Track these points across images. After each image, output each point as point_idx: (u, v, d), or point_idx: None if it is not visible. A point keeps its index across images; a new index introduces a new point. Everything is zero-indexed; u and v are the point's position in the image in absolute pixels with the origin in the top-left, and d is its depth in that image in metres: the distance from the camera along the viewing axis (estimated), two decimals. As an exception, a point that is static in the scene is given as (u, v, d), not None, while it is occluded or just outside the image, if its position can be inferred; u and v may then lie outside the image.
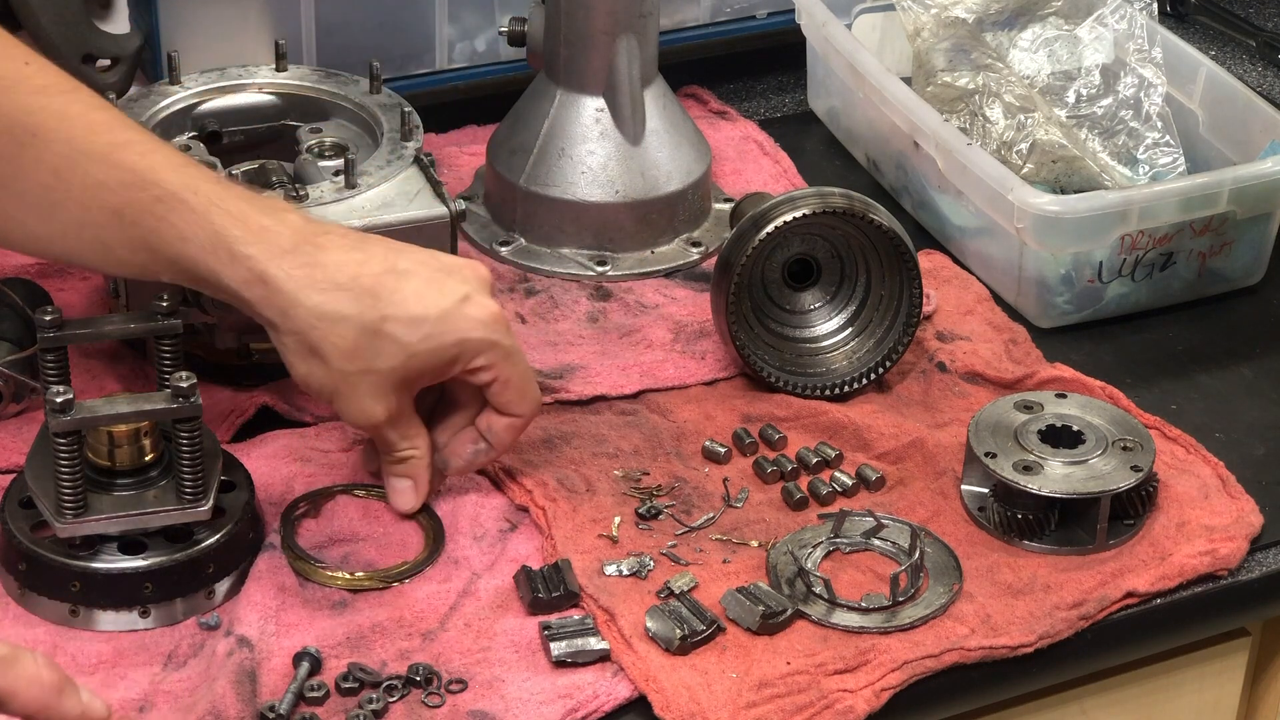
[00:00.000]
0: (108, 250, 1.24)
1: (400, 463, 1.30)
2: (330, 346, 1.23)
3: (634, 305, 1.56)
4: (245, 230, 1.22)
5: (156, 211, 1.21)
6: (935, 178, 1.63)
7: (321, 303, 1.22)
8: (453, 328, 1.25)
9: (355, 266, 1.24)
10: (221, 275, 1.22)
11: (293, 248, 1.22)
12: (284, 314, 1.22)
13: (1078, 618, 1.27)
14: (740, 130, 1.79)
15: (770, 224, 1.42)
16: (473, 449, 1.32)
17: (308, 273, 1.22)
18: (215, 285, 1.23)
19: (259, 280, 1.22)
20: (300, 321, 1.22)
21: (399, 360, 1.24)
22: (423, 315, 1.24)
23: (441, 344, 1.25)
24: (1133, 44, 1.75)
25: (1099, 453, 1.34)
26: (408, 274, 1.25)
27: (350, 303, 1.23)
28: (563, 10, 1.58)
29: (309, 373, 1.25)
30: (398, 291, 1.24)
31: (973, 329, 1.54)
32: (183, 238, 1.22)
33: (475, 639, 1.23)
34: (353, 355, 1.23)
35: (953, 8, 1.75)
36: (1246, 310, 1.61)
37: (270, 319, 1.23)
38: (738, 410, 1.44)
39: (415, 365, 1.25)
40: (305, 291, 1.22)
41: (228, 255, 1.21)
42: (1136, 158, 1.72)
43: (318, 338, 1.23)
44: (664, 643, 1.23)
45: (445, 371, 1.27)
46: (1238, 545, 1.33)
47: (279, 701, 1.17)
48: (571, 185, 1.59)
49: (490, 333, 1.26)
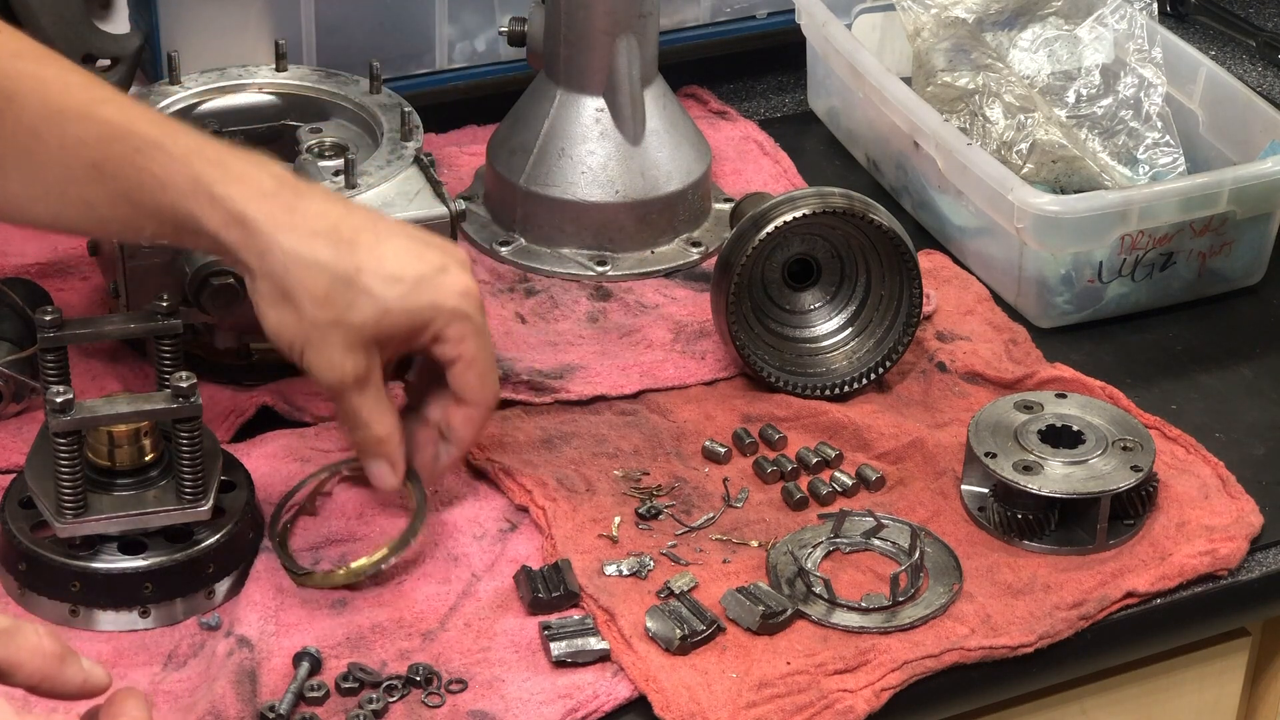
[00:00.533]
0: (90, 208, 1.23)
1: (375, 444, 1.27)
2: (303, 292, 1.21)
3: (634, 305, 1.56)
4: (225, 174, 1.21)
5: (136, 162, 1.21)
6: (935, 178, 1.63)
7: (298, 245, 1.21)
8: (429, 291, 1.24)
9: (336, 218, 1.23)
10: (201, 219, 1.21)
11: (273, 192, 1.22)
12: (260, 256, 1.21)
13: (1078, 618, 1.27)
14: (740, 130, 1.79)
15: (770, 224, 1.42)
16: (433, 451, 1.31)
17: (287, 217, 1.22)
18: (195, 231, 1.21)
19: (237, 221, 1.21)
20: (276, 263, 1.21)
21: (371, 315, 1.22)
22: (399, 274, 1.23)
23: (416, 304, 1.24)
24: (1133, 44, 1.75)
25: (1099, 453, 1.34)
26: (388, 234, 1.25)
27: (327, 249, 1.22)
28: (563, 10, 1.58)
29: (280, 322, 1.23)
30: (376, 248, 1.23)
31: (973, 329, 1.54)
32: (162, 185, 1.21)
33: (475, 639, 1.23)
34: (325, 303, 1.22)
35: (953, 8, 1.75)
36: (1246, 310, 1.61)
37: (247, 262, 1.22)
38: (738, 410, 1.44)
39: (388, 323, 1.23)
40: (283, 233, 1.21)
41: (207, 198, 1.20)
42: (1136, 158, 1.72)
43: (292, 282, 1.21)
44: (664, 643, 1.23)
45: (416, 337, 1.25)
46: (1238, 545, 1.33)
47: (279, 701, 1.17)
48: (571, 185, 1.59)
49: (466, 305, 1.25)
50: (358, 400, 1.25)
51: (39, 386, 1.34)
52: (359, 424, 1.27)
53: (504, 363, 1.46)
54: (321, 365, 1.24)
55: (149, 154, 1.21)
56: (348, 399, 1.25)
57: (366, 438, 1.27)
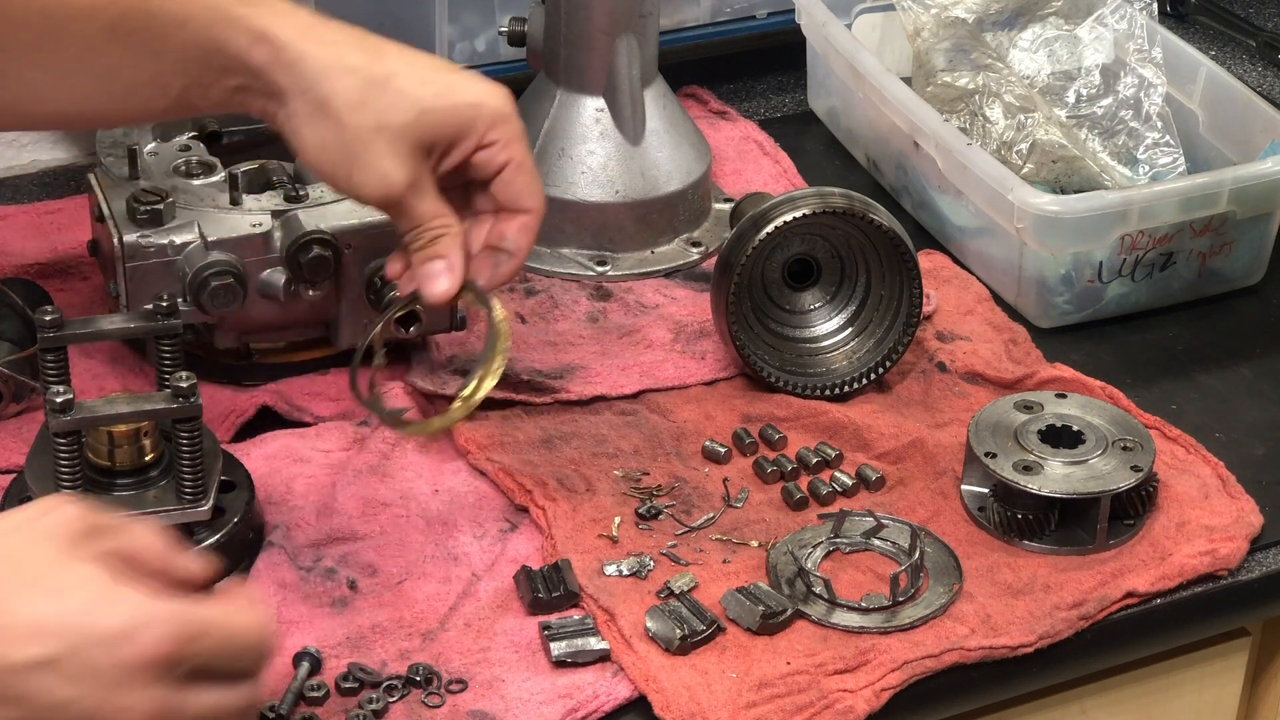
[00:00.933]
0: (113, 76, 1.21)
1: (432, 242, 1.23)
2: (339, 99, 1.18)
3: (634, 305, 1.56)
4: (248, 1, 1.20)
5: (150, 8, 1.19)
6: (935, 178, 1.63)
7: (327, 52, 1.19)
8: (467, 90, 1.21)
9: (358, 32, 1.21)
10: (225, 43, 1.18)
11: (292, 10, 1.20)
12: (290, 69, 1.18)
13: (1078, 618, 1.27)
14: (740, 130, 1.79)
15: (770, 224, 1.42)
16: (493, 263, 1.26)
17: (312, 30, 1.20)
18: (222, 65, 1.19)
19: (261, 38, 1.18)
20: (308, 72, 1.18)
21: (412, 115, 1.19)
22: (433, 76, 1.21)
23: (455, 102, 1.21)
24: (1133, 44, 1.75)
25: (1099, 453, 1.34)
26: (410, 49, 1.23)
27: (357, 53, 1.20)
28: (563, 10, 1.58)
29: (322, 142, 1.19)
30: (404, 54, 1.21)
31: (973, 329, 1.54)
32: (181, 23, 1.19)
33: (475, 639, 1.23)
34: (362, 107, 1.18)
35: (953, 8, 1.75)
36: (1246, 310, 1.61)
37: (278, 82, 1.19)
38: (738, 410, 1.44)
39: (429, 124, 1.20)
40: (309, 44, 1.19)
41: (228, 21, 1.19)
42: (1136, 158, 1.72)
43: (327, 90, 1.18)
44: (664, 643, 1.23)
45: (460, 140, 1.21)
46: (1238, 545, 1.33)
47: (279, 701, 1.17)
48: (571, 185, 1.59)
49: (506, 104, 1.22)
50: (415, 204, 1.21)
51: (39, 386, 1.34)
52: (417, 224, 1.22)
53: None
54: (372, 179, 1.20)
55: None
56: (404, 205, 1.21)
57: (426, 235, 1.23)
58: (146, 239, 1.36)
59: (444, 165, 1.22)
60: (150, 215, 1.36)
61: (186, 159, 1.44)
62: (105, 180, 1.40)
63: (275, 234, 1.38)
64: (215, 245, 1.37)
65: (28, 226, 1.58)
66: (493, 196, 1.24)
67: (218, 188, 1.41)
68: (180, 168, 1.43)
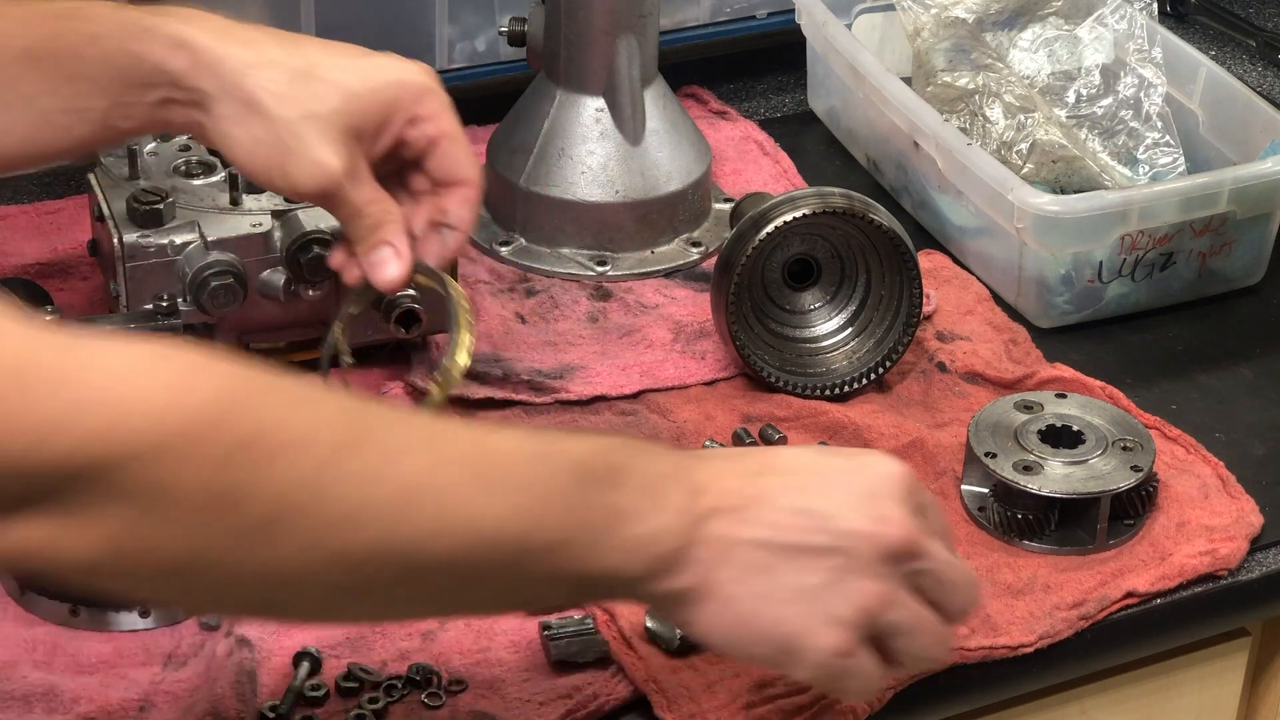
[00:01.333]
0: (30, 105, 1.19)
1: (375, 229, 1.24)
2: (265, 93, 1.19)
3: (634, 305, 1.56)
4: (153, 11, 1.19)
5: (61, 30, 1.19)
6: (935, 178, 1.63)
7: (246, 51, 1.19)
8: (388, 70, 1.23)
9: (274, 31, 1.22)
10: (143, 57, 1.18)
11: (204, 16, 1.20)
12: (213, 71, 1.18)
13: (1078, 618, 1.27)
14: (740, 130, 1.79)
15: (770, 224, 1.42)
16: (439, 240, 1.27)
17: (226, 31, 1.20)
18: (141, 76, 1.19)
19: (178, 45, 1.18)
20: (230, 73, 1.18)
21: (338, 102, 1.20)
22: (353, 62, 1.22)
23: (379, 83, 1.22)
24: (1133, 44, 1.75)
25: (1099, 453, 1.34)
26: (330, 43, 1.23)
27: (276, 47, 1.20)
28: (563, 10, 1.58)
29: (253, 140, 1.19)
30: (322, 47, 1.22)
31: (973, 329, 1.54)
32: (94, 38, 1.18)
33: (475, 639, 1.23)
34: (289, 99, 1.19)
35: (953, 8, 1.75)
36: (1246, 310, 1.61)
37: (200, 86, 1.19)
38: (738, 410, 1.44)
39: (357, 110, 1.21)
40: (227, 45, 1.19)
41: (141, 32, 1.18)
42: (1136, 158, 1.72)
43: (251, 85, 1.18)
44: (664, 643, 1.23)
45: (389, 120, 1.22)
46: (1238, 545, 1.33)
47: (279, 701, 1.17)
48: (571, 185, 1.59)
49: (428, 78, 1.24)
50: (352, 192, 1.22)
51: (39, 386, 1.33)
52: (357, 214, 1.23)
53: (504, 363, 1.46)
54: (307, 169, 1.20)
55: (75, 18, 1.19)
56: (341, 193, 1.22)
57: (366, 224, 1.24)
58: (146, 239, 1.36)
59: (377, 148, 1.23)
60: (150, 215, 1.36)
61: (186, 159, 1.44)
62: (105, 180, 1.40)
63: (275, 234, 1.38)
64: (215, 245, 1.37)
65: (28, 226, 1.58)
66: (428, 173, 1.25)
67: (218, 188, 1.41)
68: (180, 168, 1.43)
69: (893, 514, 1.05)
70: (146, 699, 1.17)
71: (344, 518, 0.93)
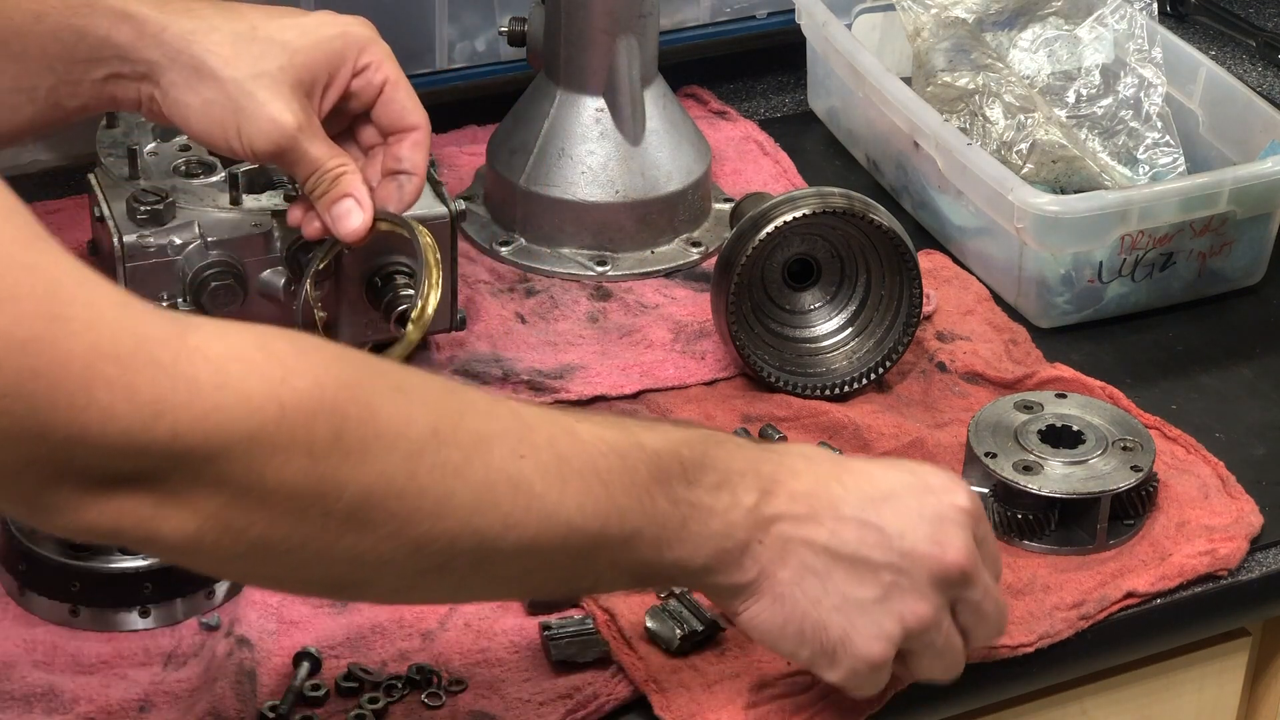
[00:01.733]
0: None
1: (334, 183, 1.26)
2: (213, 57, 1.21)
3: (634, 305, 1.56)
4: None
5: (3, 7, 1.19)
6: (935, 178, 1.63)
7: (189, 20, 1.21)
8: (329, 24, 1.25)
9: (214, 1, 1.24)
10: (87, 32, 1.19)
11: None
12: (158, 41, 1.20)
13: (1078, 618, 1.27)
14: (740, 130, 1.79)
15: (770, 224, 1.42)
16: (396, 185, 1.30)
17: (168, 1, 1.22)
18: (86, 51, 1.20)
19: (122, 17, 1.20)
20: (176, 41, 1.20)
21: (284, 58, 1.22)
22: (292, 21, 1.24)
23: (322, 36, 1.24)
24: (1133, 44, 1.75)
25: (1099, 453, 1.34)
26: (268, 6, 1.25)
27: (217, 14, 1.22)
28: (563, 10, 1.58)
29: (205, 104, 1.21)
30: (260, 9, 1.24)
31: (973, 329, 1.54)
32: (38, 16, 1.19)
33: (475, 639, 1.23)
34: (237, 59, 1.21)
35: (953, 8, 1.75)
36: (1246, 310, 1.61)
37: (147, 57, 1.21)
38: (738, 410, 1.44)
39: (303, 63, 1.23)
40: (170, 15, 1.21)
41: (86, 7, 1.19)
42: (1136, 158, 1.72)
43: (198, 50, 1.20)
44: (664, 643, 1.23)
45: (335, 71, 1.25)
46: (1238, 545, 1.33)
47: (279, 702, 1.17)
48: (571, 185, 1.59)
49: (369, 29, 1.26)
50: (308, 146, 1.24)
51: (39, 386, 1.33)
52: (315, 167, 1.25)
53: (504, 363, 1.46)
54: (262, 127, 1.22)
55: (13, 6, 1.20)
56: (298, 148, 1.24)
57: (326, 177, 1.26)
58: (146, 239, 1.36)
59: (325, 102, 1.25)
60: (150, 215, 1.36)
61: (186, 159, 1.44)
62: (105, 180, 1.40)
63: (275, 234, 1.38)
64: (215, 245, 1.37)
65: (28, 226, 1.57)
66: (377, 122, 1.28)
67: (218, 188, 1.41)
68: (180, 168, 1.43)
69: (953, 540, 1.09)
70: (146, 699, 1.17)
71: (429, 509, 0.96)
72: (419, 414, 0.97)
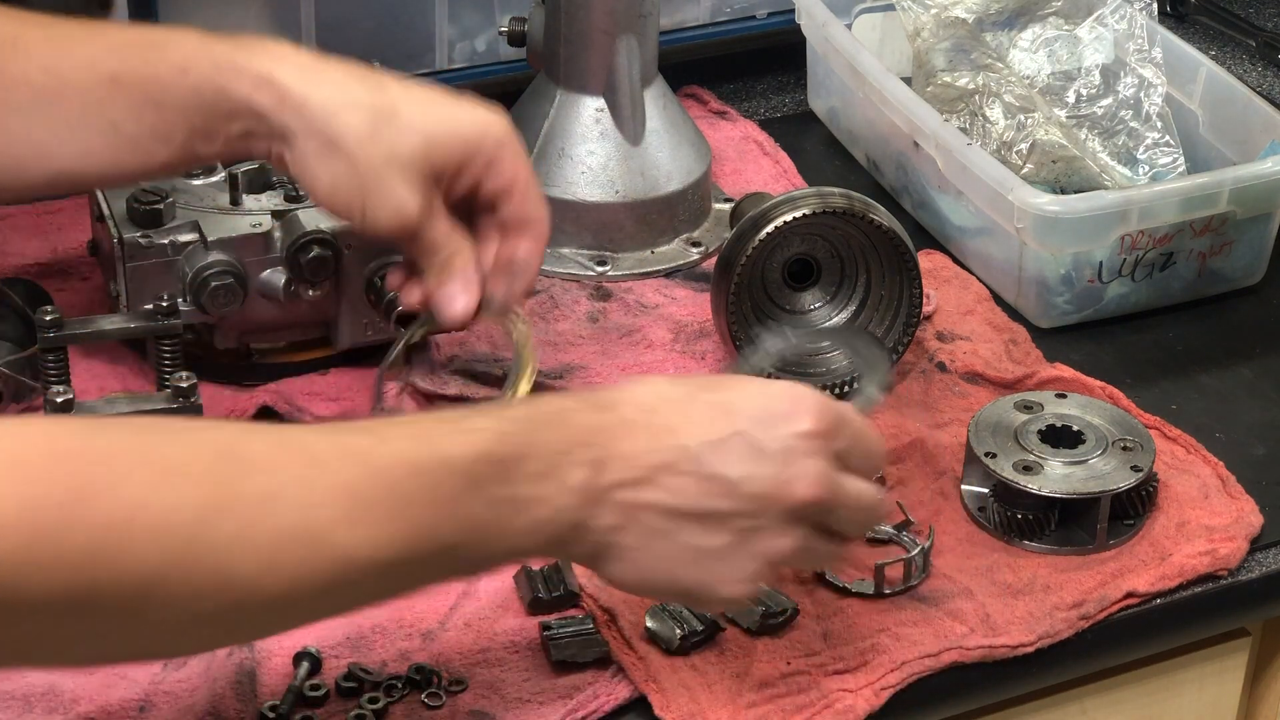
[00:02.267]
0: (116, 129, 1.22)
1: (447, 264, 1.26)
2: (349, 135, 1.21)
3: (634, 305, 1.56)
4: (242, 46, 1.22)
5: (151, 58, 1.21)
6: (935, 178, 1.63)
7: (331, 92, 1.21)
8: (468, 116, 1.24)
9: (357, 69, 1.24)
10: (229, 89, 1.20)
11: (293, 54, 1.22)
12: (298, 111, 1.21)
13: (1078, 618, 1.27)
14: (740, 130, 1.79)
15: (770, 224, 1.42)
16: (507, 279, 1.29)
17: (313, 71, 1.22)
18: (227, 111, 1.21)
19: (265, 82, 1.20)
20: (316, 111, 1.20)
21: (419, 145, 1.22)
22: (434, 106, 1.24)
23: (460, 129, 1.24)
24: (1133, 44, 1.75)
25: (1099, 453, 1.34)
26: (412, 84, 1.25)
27: (360, 88, 1.22)
28: (563, 10, 1.58)
29: (334, 177, 1.22)
30: (403, 88, 1.24)
31: (973, 329, 1.54)
32: (183, 70, 1.20)
33: (475, 639, 1.23)
34: (372, 141, 1.21)
35: (953, 8, 1.75)
36: (1246, 310, 1.61)
37: (285, 124, 1.21)
38: (738, 410, 1.44)
39: (437, 152, 1.23)
40: (314, 85, 1.21)
41: (231, 68, 1.20)
42: (1136, 158, 1.72)
43: (337, 126, 1.20)
44: (664, 643, 1.23)
45: (467, 165, 1.24)
46: (1238, 545, 1.33)
47: (279, 702, 1.17)
48: (571, 185, 1.59)
49: (507, 127, 1.25)
50: (429, 230, 1.24)
51: (39, 386, 1.34)
52: (435, 250, 1.25)
53: (504, 363, 1.46)
54: (388, 210, 1.22)
55: (163, 47, 1.21)
56: (421, 232, 1.24)
57: (440, 259, 1.26)
58: (146, 239, 1.36)
59: (454, 191, 1.25)
60: (150, 215, 1.36)
61: (186, 159, 1.44)
62: (105, 180, 1.40)
63: (275, 234, 1.38)
64: (215, 245, 1.37)
65: (28, 226, 1.58)
66: (499, 216, 1.27)
67: (218, 188, 1.41)
68: (180, 168, 1.43)
69: (802, 473, 1.08)
70: (146, 699, 1.17)
71: (215, 582, 0.93)
72: (189, 494, 0.93)
